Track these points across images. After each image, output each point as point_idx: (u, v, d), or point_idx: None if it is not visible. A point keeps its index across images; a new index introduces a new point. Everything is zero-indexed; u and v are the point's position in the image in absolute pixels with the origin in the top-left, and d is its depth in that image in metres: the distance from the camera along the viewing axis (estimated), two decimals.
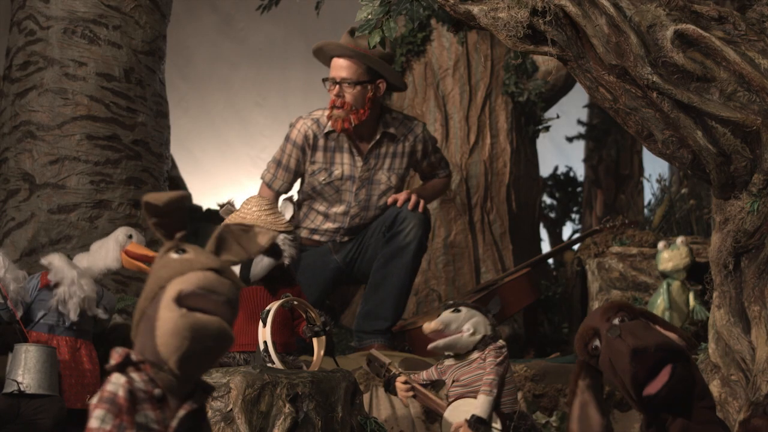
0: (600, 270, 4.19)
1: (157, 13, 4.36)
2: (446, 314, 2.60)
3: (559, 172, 7.06)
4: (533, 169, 5.32)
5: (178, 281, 1.43)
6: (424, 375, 2.69)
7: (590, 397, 2.00)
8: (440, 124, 5.02)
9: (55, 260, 3.19)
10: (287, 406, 2.38)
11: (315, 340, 2.77)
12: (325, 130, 3.85)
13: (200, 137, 7.89)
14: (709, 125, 2.44)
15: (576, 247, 4.65)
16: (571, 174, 7.07)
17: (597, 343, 1.94)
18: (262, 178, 4.02)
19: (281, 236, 2.87)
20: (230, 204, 3.06)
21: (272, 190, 3.98)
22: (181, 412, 1.48)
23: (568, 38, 2.47)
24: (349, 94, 3.76)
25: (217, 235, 1.55)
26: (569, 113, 6.45)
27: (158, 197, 1.50)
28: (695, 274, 3.63)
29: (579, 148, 7.12)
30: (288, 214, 2.96)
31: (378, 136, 3.86)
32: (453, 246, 4.92)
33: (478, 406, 2.48)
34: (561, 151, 7.39)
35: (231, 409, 2.33)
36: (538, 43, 2.51)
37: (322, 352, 2.77)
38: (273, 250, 2.93)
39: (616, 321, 1.92)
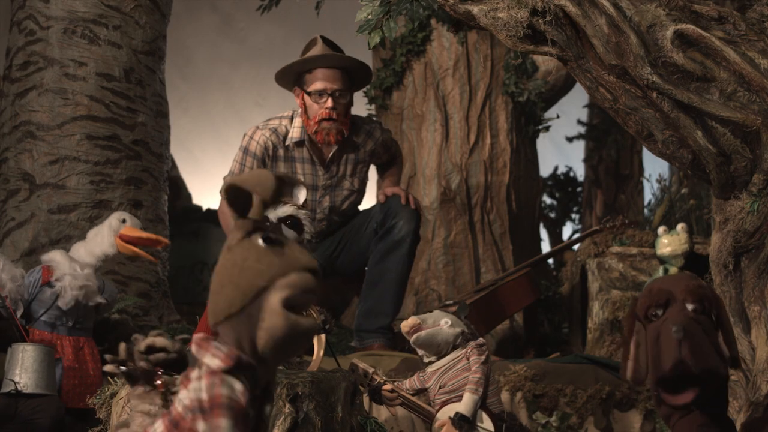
0: (600, 270, 4.19)
1: (157, 13, 4.37)
2: (421, 315, 2.61)
3: (559, 172, 7.07)
4: (533, 169, 5.32)
5: (283, 285, 1.40)
6: (407, 384, 2.64)
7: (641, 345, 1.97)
8: (440, 124, 5.02)
9: (56, 256, 3.21)
10: (287, 406, 2.38)
11: (315, 339, 2.77)
12: (287, 142, 3.79)
13: (200, 137, 7.89)
14: (709, 125, 2.44)
15: (576, 247, 4.65)
16: (571, 174, 7.08)
17: (660, 311, 1.91)
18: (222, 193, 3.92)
19: (302, 212, 2.88)
20: None
21: None
22: (268, 408, 1.48)
23: (568, 38, 2.47)
24: (342, 104, 3.68)
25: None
26: (569, 113, 6.45)
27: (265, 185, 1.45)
28: (695, 267, 3.62)
29: (579, 148, 7.13)
30: (302, 196, 2.98)
31: (340, 145, 3.81)
32: (453, 246, 4.92)
33: (463, 404, 2.45)
34: (561, 151, 7.40)
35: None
36: (538, 43, 2.51)
37: (321, 352, 2.77)
38: (295, 225, 2.95)
39: (690, 307, 1.89)
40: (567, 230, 6.97)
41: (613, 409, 3.38)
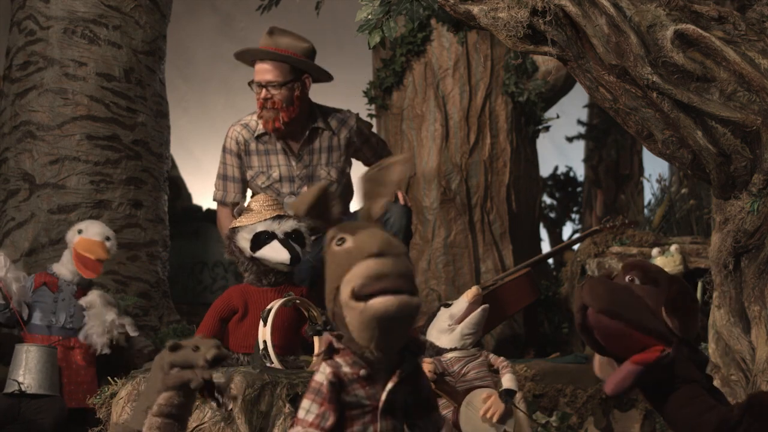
0: (600, 270, 4.18)
1: (157, 13, 4.36)
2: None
3: (559, 172, 7.07)
4: (533, 169, 5.32)
5: (347, 279, 1.53)
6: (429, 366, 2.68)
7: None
8: (440, 124, 5.02)
9: (96, 301, 3.22)
10: (287, 406, 2.38)
11: (316, 339, 2.77)
12: (256, 134, 3.82)
13: (200, 137, 7.88)
14: (709, 125, 2.44)
15: (576, 247, 4.65)
16: (571, 174, 7.07)
17: None
18: (215, 199, 3.91)
19: (302, 225, 2.92)
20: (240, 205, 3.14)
21: (228, 206, 3.90)
22: (390, 385, 1.58)
23: (568, 38, 2.47)
24: (277, 94, 3.74)
25: (361, 188, 1.66)
26: (569, 113, 6.45)
27: (300, 203, 1.65)
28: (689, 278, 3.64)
29: (579, 148, 7.12)
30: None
31: (307, 132, 3.84)
32: (453, 246, 4.92)
33: (507, 381, 2.56)
34: (561, 151, 7.39)
35: (231, 409, 2.33)
36: (538, 43, 2.51)
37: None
38: (300, 238, 2.97)
39: (627, 279, 1.94)
40: (567, 230, 6.97)
41: (613, 409, 3.38)
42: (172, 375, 1.99)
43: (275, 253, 2.92)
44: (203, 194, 6.59)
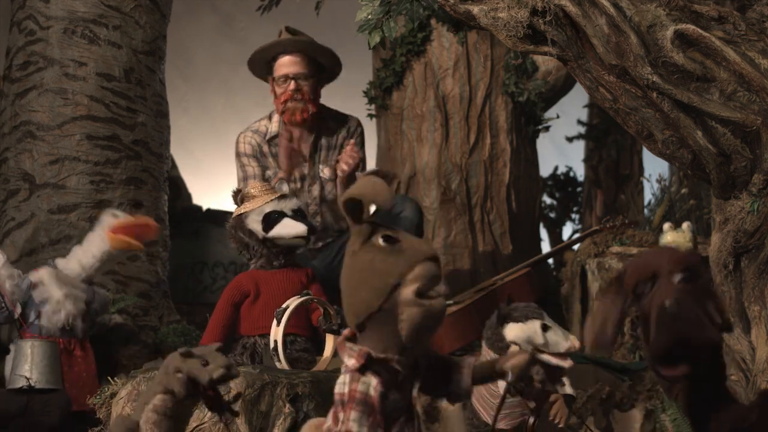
0: (600, 270, 4.18)
1: (157, 13, 4.36)
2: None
3: (559, 172, 7.07)
4: (533, 169, 5.32)
5: (412, 278, 1.56)
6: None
7: (614, 315, 1.99)
8: (440, 124, 5.02)
9: (44, 276, 3.20)
10: (287, 406, 2.38)
11: (329, 338, 2.78)
12: (267, 137, 3.87)
13: (200, 137, 7.88)
14: (709, 125, 2.44)
15: (576, 247, 4.65)
16: (571, 174, 7.07)
17: (647, 287, 1.92)
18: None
19: (302, 203, 2.94)
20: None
21: None
22: (417, 385, 1.63)
23: (568, 38, 2.47)
24: (305, 86, 3.81)
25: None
26: (569, 113, 6.44)
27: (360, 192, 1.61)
28: None
29: (579, 148, 7.12)
30: (285, 188, 3.06)
31: (316, 132, 3.90)
32: (453, 246, 4.92)
33: (568, 387, 2.59)
34: (561, 151, 7.39)
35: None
36: (538, 43, 2.51)
37: (332, 352, 2.78)
38: (303, 215, 2.99)
39: (677, 278, 1.91)
40: (567, 230, 6.97)
41: (613, 409, 3.38)
42: (173, 379, 1.98)
43: (290, 228, 2.96)
44: (203, 194, 6.60)
